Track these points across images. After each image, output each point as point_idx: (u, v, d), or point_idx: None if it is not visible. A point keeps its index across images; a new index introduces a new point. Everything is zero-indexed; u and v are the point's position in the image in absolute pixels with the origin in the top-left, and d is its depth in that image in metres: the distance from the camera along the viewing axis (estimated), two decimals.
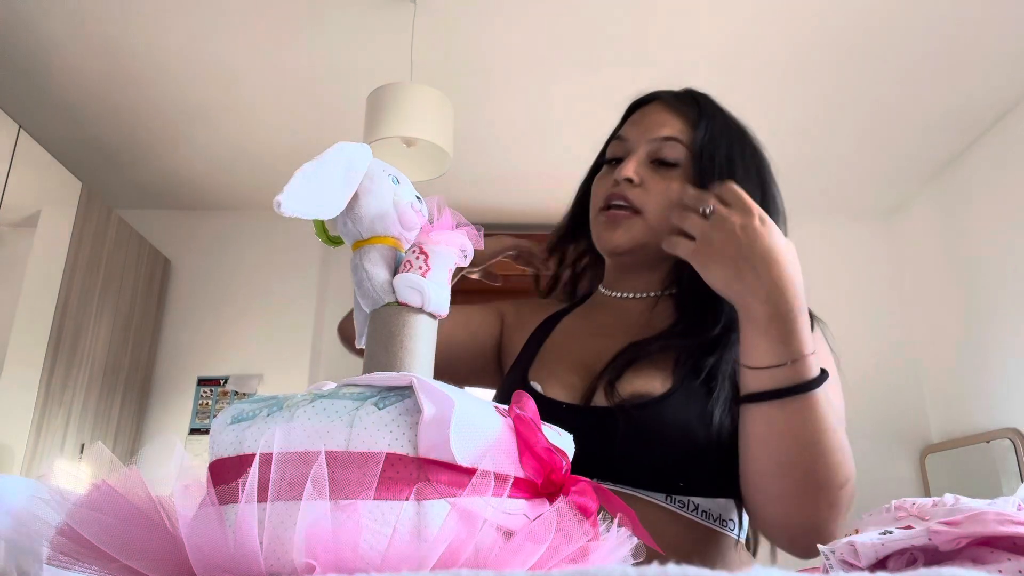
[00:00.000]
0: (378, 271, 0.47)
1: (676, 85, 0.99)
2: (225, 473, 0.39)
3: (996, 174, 2.97)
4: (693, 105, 0.92)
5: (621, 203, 0.88)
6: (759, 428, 0.72)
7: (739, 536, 0.80)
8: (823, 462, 0.70)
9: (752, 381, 0.72)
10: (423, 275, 0.46)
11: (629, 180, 0.87)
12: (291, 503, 0.35)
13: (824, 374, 0.71)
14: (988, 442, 2.91)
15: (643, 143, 0.89)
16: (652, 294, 0.95)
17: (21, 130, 2.71)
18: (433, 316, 0.48)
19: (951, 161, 3.24)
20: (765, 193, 0.88)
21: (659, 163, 0.88)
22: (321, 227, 0.51)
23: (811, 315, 0.89)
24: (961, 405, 3.17)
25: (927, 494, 3.28)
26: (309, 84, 2.79)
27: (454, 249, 0.49)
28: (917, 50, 2.54)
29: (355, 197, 0.48)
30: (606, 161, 0.95)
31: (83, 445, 3.02)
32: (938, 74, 2.66)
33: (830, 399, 0.72)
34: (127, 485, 0.38)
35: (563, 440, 0.46)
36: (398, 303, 0.46)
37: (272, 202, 0.42)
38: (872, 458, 3.30)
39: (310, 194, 0.44)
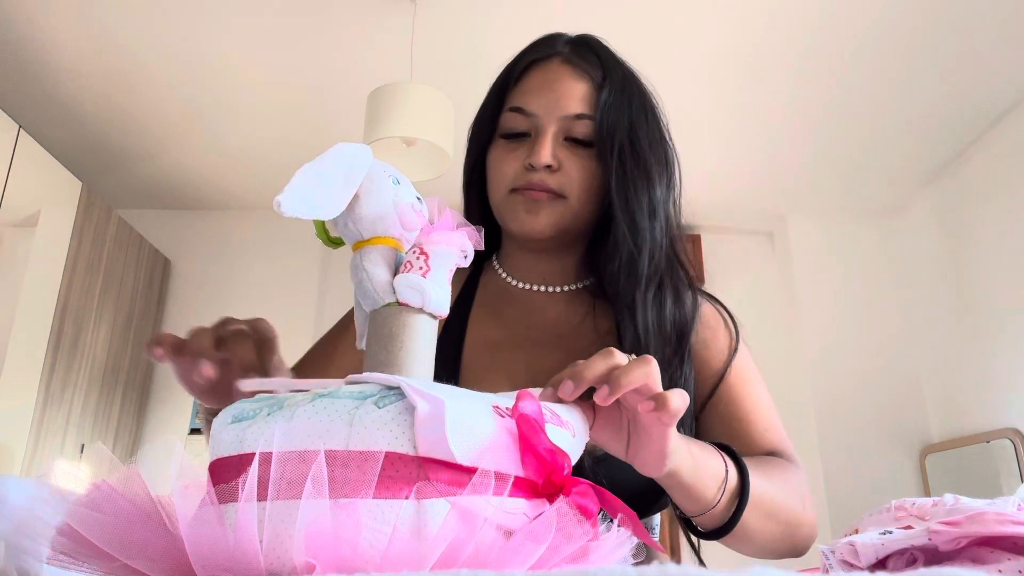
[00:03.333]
0: (378, 271, 0.47)
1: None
2: (225, 472, 0.39)
3: (996, 174, 2.97)
4: (595, 62, 0.85)
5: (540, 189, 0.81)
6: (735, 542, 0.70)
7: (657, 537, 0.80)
8: (790, 534, 0.71)
9: (710, 520, 0.66)
10: (423, 275, 0.46)
11: (549, 167, 0.81)
12: (291, 502, 0.35)
13: (745, 488, 0.65)
14: (988, 442, 2.91)
15: (553, 120, 0.82)
16: (567, 287, 0.88)
17: (21, 130, 2.71)
18: (433, 316, 0.48)
19: (951, 161, 3.24)
20: (668, 160, 0.85)
21: (572, 141, 0.82)
22: (322, 227, 0.51)
23: (737, 332, 0.86)
24: (961, 405, 3.17)
25: (927, 494, 3.28)
26: (309, 84, 2.79)
27: (454, 249, 0.49)
28: (917, 50, 2.54)
29: (356, 198, 0.48)
30: (506, 135, 0.85)
31: (83, 445, 3.02)
32: (938, 74, 2.66)
33: (765, 488, 0.68)
34: (127, 485, 0.38)
35: (574, 443, 0.46)
36: (398, 303, 0.46)
37: (272, 202, 0.42)
38: (872, 458, 3.30)
39: (311, 194, 0.44)
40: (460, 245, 0.50)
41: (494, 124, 0.87)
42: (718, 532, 0.66)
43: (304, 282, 3.69)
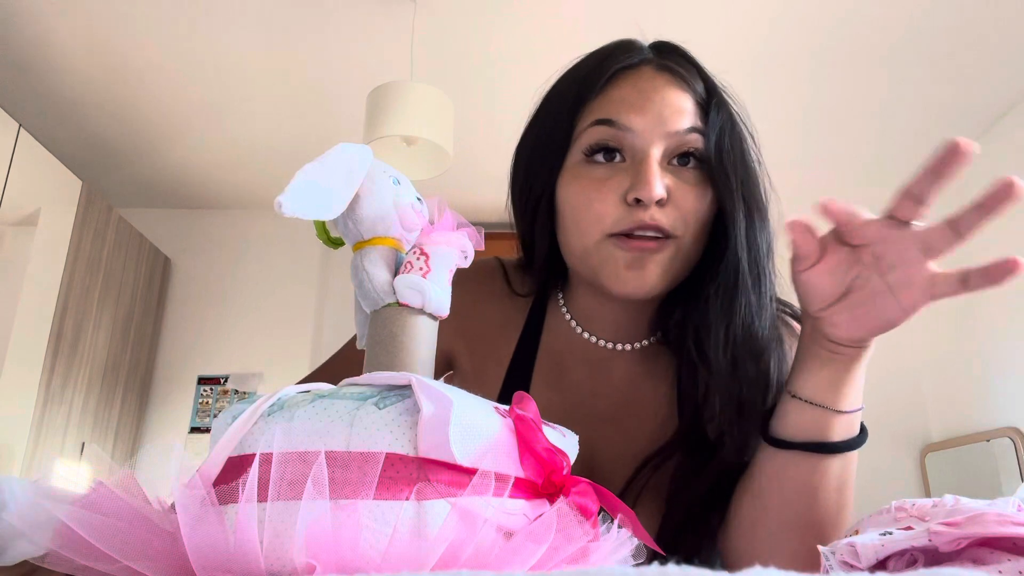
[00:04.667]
0: (379, 272, 0.47)
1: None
2: (225, 473, 0.39)
3: (996, 174, 2.97)
4: (694, 73, 0.70)
5: (650, 233, 0.64)
6: (801, 481, 0.61)
7: None
8: (840, 520, 0.63)
9: (828, 427, 0.59)
10: (424, 276, 0.46)
11: (660, 202, 0.64)
12: (291, 503, 0.35)
13: (863, 435, 0.62)
14: (988, 441, 2.91)
15: (657, 138, 0.65)
16: (644, 343, 0.76)
17: (21, 129, 2.71)
18: (434, 317, 0.48)
19: None
20: (768, 199, 0.72)
21: (679, 160, 0.67)
22: (322, 228, 0.51)
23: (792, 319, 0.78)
24: (961, 404, 3.17)
25: (927, 494, 3.28)
26: (309, 83, 2.79)
27: (455, 250, 0.49)
28: (918, 50, 2.54)
29: (356, 198, 0.48)
30: (592, 152, 0.67)
31: (83, 444, 3.02)
32: (938, 74, 2.66)
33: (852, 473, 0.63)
34: (126, 485, 0.38)
35: (566, 441, 0.46)
36: (399, 304, 0.46)
37: (273, 202, 0.42)
38: (872, 458, 3.30)
39: (311, 195, 0.44)
40: (460, 245, 0.50)
41: (566, 145, 0.69)
42: (804, 446, 0.59)
43: (304, 282, 3.69)
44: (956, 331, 3.21)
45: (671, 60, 0.70)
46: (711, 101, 0.68)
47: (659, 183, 0.63)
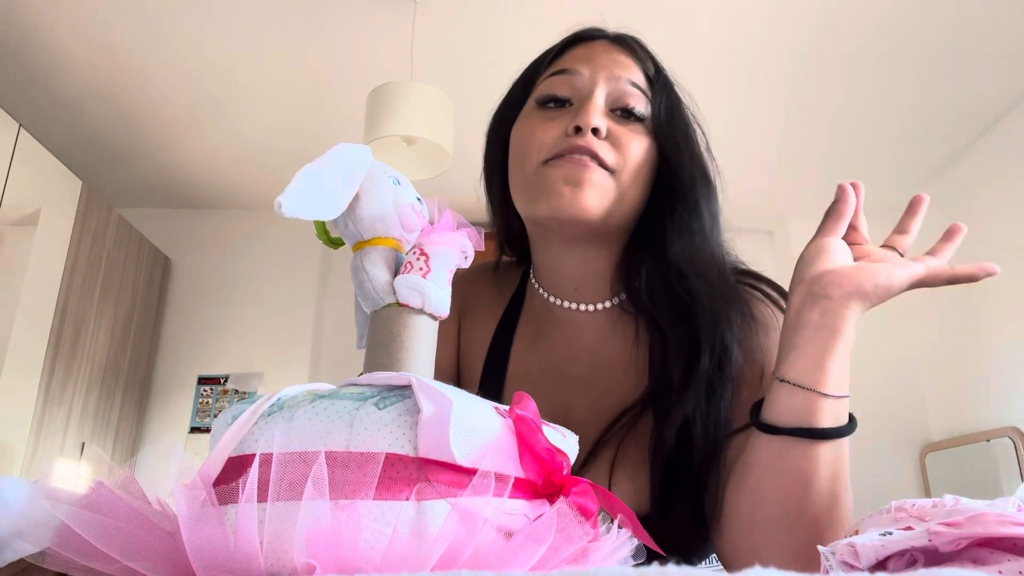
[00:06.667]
0: (378, 272, 0.47)
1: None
2: (225, 473, 0.39)
3: (996, 173, 2.97)
4: (646, 55, 0.76)
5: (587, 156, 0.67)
6: (794, 468, 0.60)
7: None
8: (835, 514, 0.61)
9: (815, 411, 0.60)
10: (424, 276, 0.46)
11: (596, 130, 0.66)
12: (291, 503, 0.35)
13: (851, 424, 0.62)
14: (988, 441, 2.91)
15: (602, 81, 0.69)
16: (607, 304, 0.76)
17: (21, 128, 2.71)
18: (434, 317, 0.48)
19: (951, 160, 3.24)
20: (708, 167, 0.75)
21: (622, 113, 0.70)
22: (322, 228, 0.51)
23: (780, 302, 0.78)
24: (961, 404, 3.17)
25: (927, 493, 3.28)
26: (309, 83, 2.79)
27: (455, 250, 0.49)
28: (917, 50, 2.54)
29: (356, 198, 0.48)
30: (544, 101, 0.72)
31: (83, 444, 3.02)
32: (938, 74, 2.66)
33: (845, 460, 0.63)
34: (126, 485, 0.38)
35: (566, 442, 0.46)
36: (398, 304, 0.46)
37: (273, 202, 0.42)
38: (872, 457, 3.30)
39: (311, 195, 0.44)
40: (460, 245, 0.50)
41: (523, 104, 0.74)
42: (793, 431, 0.59)
43: (304, 282, 3.69)
44: (956, 331, 3.20)
45: (626, 41, 0.77)
46: (658, 80, 0.73)
47: (599, 115, 0.67)
